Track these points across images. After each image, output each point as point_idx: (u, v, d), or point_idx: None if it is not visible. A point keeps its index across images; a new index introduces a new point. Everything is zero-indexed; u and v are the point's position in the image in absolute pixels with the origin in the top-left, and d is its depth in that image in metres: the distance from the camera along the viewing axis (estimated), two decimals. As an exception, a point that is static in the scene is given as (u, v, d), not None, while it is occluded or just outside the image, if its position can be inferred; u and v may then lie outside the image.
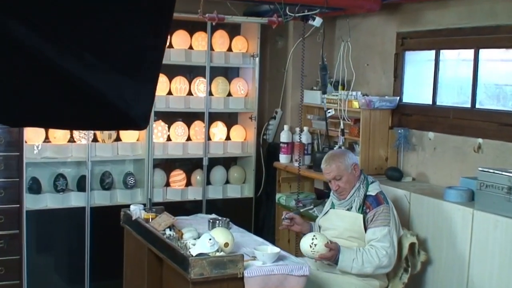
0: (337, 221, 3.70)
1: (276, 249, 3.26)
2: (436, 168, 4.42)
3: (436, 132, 4.41)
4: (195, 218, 4.12)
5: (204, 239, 3.01)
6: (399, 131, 4.52)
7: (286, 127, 5.21)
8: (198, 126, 5.14)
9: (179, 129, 5.06)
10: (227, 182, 5.37)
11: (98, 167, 4.91)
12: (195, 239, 3.42)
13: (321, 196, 5.30)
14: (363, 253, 3.52)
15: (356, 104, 4.66)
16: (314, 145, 5.25)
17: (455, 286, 3.64)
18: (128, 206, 4.66)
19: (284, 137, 5.19)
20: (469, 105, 4.12)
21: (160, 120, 5.01)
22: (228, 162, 5.47)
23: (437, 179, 4.40)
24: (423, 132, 4.52)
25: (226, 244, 3.21)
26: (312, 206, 4.96)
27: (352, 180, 3.65)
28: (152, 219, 3.76)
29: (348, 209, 3.70)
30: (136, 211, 3.86)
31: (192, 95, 5.10)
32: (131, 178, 4.91)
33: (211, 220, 3.85)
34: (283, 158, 5.22)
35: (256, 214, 5.44)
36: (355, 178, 3.65)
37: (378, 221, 3.56)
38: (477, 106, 4.08)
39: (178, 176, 5.11)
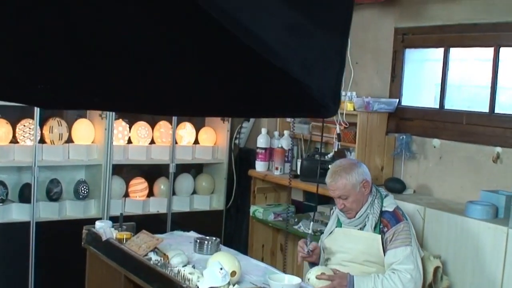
0: (348, 243, 3.18)
1: (296, 279, 2.71)
2: (441, 179, 4.00)
3: (443, 139, 3.99)
4: (172, 237, 3.49)
5: (214, 269, 2.41)
6: (401, 138, 4.07)
7: (263, 130, 4.66)
8: (164, 127, 4.50)
9: (142, 130, 4.41)
10: (193, 192, 4.76)
11: (44, 174, 4.18)
12: (185, 265, 2.82)
13: (300, 208, 4.79)
14: (382, 280, 3.02)
15: (350, 106, 4.18)
16: (294, 151, 4.73)
17: (483, 316, 3.20)
18: (80, 220, 4.01)
19: (261, 141, 4.65)
20: (487, 110, 3.72)
21: (121, 119, 4.34)
22: (195, 169, 4.85)
23: (443, 192, 3.98)
24: (426, 139, 4.09)
25: (233, 273, 2.63)
26: (295, 220, 4.42)
27: (360, 199, 3.15)
28: (127, 239, 3.12)
29: (360, 229, 3.18)
30: (105, 229, 3.19)
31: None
32: (84, 187, 4.21)
33: (197, 240, 3.25)
34: (260, 166, 4.66)
35: (225, 229, 4.86)
36: (364, 197, 3.16)
37: (398, 241, 3.07)
38: (497, 110, 3.68)
39: (139, 185, 4.45)
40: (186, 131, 4.62)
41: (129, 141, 4.42)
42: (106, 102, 0.94)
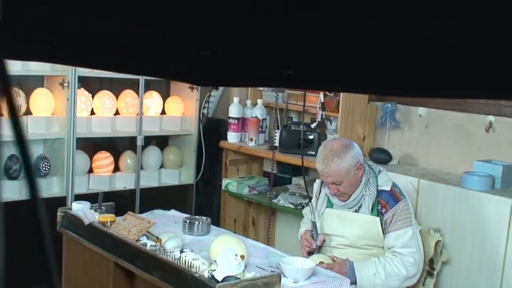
0: (345, 227, 3.02)
1: (309, 263, 2.53)
2: (427, 149, 3.91)
3: (429, 108, 3.89)
4: (154, 217, 3.24)
5: (229, 256, 2.21)
6: (386, 106, 3.94)
7: (236, 99, 4.44)
8: (129, 97, 4.20)
9: (106, 100, 4.09)
10: (161, 166, 4.51)
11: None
12: (181, 249, 2.61)
13: (274, 181, 4.62)
14: (385, 264, 2.89)
15: (331, 73, 4.00)
16: (267, 121, 4.54)
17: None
18: (41, 199, 3.69)
19: (233, 111, 4.42)
20: (479, 77, 3.62)
21: (83, 88, 4.00)
22: (162, 142, 4.59)
23: (429, 163, 3.89)
24: (411, 107, 3.99)
25: (241, 257, 2.43)
26: (274, 193, 4.25)
27: (354, 183, 2.98)
28: (111, 222, 2.86)
29: (355, 211, 3.02)
30: (85, 212, 2.92)
31: (122, 57, 4.14)
32: (46, 163, 3.88)
33: (187, 221, 3.02)
34: (232, 137, 4.45)
35: (195, 204, 4.64)
36: (358, 179, 2.98)
37: (399, 222, 2.94)
38: (490, 77, 3.60)
39: (104, 160, 4.16)
40: (153, 101, 4.34)
41: (92, 112, 4.10)
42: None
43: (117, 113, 4.20)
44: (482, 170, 3.40)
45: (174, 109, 4.47)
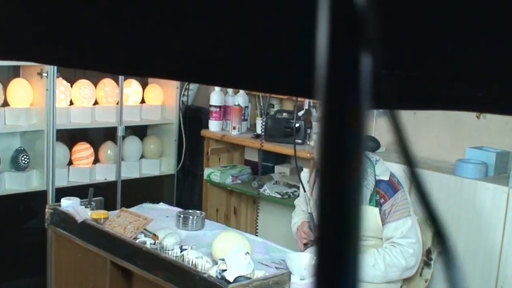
0: None
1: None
2: (416, 136, 3.89)
3: (418, 94, 3.86)
4: (143, 211, 3.15)
5: (239, 255, 2.13)
6: (373, 93, 3.89)
7: (217, 87, 4.33)
8: (108, 86, 4.06)
9: (85, 89, 3.95)
10: (141, 156, 4.39)
11: (-25, 143, 3.66)
12: (184, 248, 2.53)
13: (256, 169, 4.55)
14: (384, 255, 2.86)
15: (317, 60, 3.94)
16: (249, 108, 4.46)
17: (478, 278, 3.15)
18: (22, 195, 3.57)
19: (215, 99, 4.33)
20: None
21: (61, 78, 3.85)
22: (141, 131, 4.46)
23: (418, 150, 3.87)
24: (399, 94, 3.95)
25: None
26: (259, 183, 4.18)
27: None
28: (104, 219, 2.76)
29: None
30: (76, 208, 2.80)
31: (101, 44, 3.99)
32: (24, 156, 3.72)
33: (181, 215, 2.94)
34: (214, 125, 4.35)
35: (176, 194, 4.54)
36: None
37: (398, 213, 2.91)
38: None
39: (84, 152, 4.02)
40: (132, 90, 4.21)
41: (71, 103, 3.95)
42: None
43: (95, 103, 4.05)
44: (475, 157, 3.39)
45: (154, 97, 4.35)
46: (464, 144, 3.62)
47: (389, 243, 2.91)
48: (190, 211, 3.03)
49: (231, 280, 2.06)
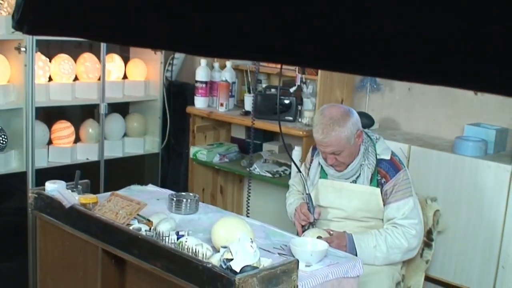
0: (341, 199, 2.86)
1: (322, 244, 2.36)
2: (410, 113, 3.79)
3: (413, 69, 3.74)
4: (131, 193, 3.00)
5: (245, 244, 2.00)
6: (367, 68, 3.76)
7: (203, 61, 4.17)
8: (89, 61, 3.86)
9: (64, 64, 3.75)
10: (124, 134, 4.22)
11: None
12: (181, 234, 2.39)
13: (242, 147, 4.42)
14: (386, 236, 2.77)
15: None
16: (236, 84, 4.30)
17: (480, 257, 3.08)
18: (0, 176, 3.39)
19: (201, 74, 4.16)
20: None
21: (39, 52, 3.64)
22: (123, 109, 4.28)
23: (413, 126, 3.78)
24: (393, 68, 3.83)
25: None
26: (248, 162, 4.04)
27: (354, 152, 2.82)
28: (93, 204, 2.60)
29: (353, 181, 2.86)
30: (61, 192, 2.64)
31: (81, 17, 3.78)
32: (2, 135, 3.53)
33: (174, 198, 2.79)
34: (200, 102, 4.19)
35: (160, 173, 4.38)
36: (357, 148, 2.82)
37: (400, 193, 2.80)
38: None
39: (64, 130, 3.83)
40: (114, 65, 4.01)
41: (49, 79, 3.75)
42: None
43: (75, 79, 3.86)
44: (474, 135, 3.30)
45: (136, 73, 4.16)
46: (461, 121, 3.53)
47: (390, 224, 2.81)
48: (183, 193, 2.89)
49: (238, 270, 1.93)
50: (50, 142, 3.82)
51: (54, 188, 2.68)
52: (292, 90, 3.78)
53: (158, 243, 2.17)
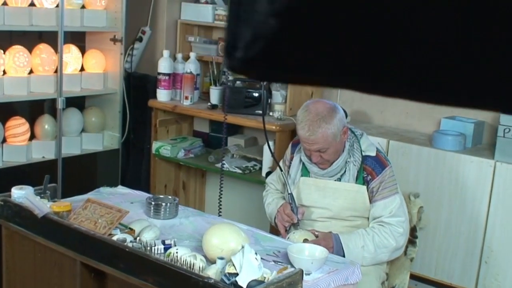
0: (325, 198, 2.74)
1: (321, 251, 2.24)
2: (382, 105, 3.72)
3: (385, 61, 3.66)
4: (101, 196, 2.80)
5: (250, 257, 1.86)
6: (339, 60, 3.65)
7: (166, 52, 3.97)
8: (45, 52, 3.60)
9: (20, 56, 3.48)
10: (82, 130, 3.98)
11: None
12: (168, 244, 2.22)
13: (207, 141, 4.26)
14: (373, 236, 2.67)
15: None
16: (200, 76, 4.12)
17: (463, 253, 3.04)
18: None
19: (163, 66, 3.96)
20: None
21: (-9, 44, 3.36)
22: (80, 103, 4.03)
23: (385, 119, 3.71)
24: (364, 60, 3.74)
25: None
26: (215, 157, 3.89)
27: (340, 149, 2.70)
28: (66, 212, 2.39)
29: (338, 179, 2.75)
30: (30, 199, 2.42)
31: (35, 6, 3.52)
32: (-48, 135, 3.24)
33: (152, 202, 2.61)
34: (163, 95, 4.00)
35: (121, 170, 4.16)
36: (342, 145, 2.71)
37: (386, 190, 2.71)
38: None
39: (19, 127, 3.57)
40: (71, 56, 3.76)
41: (4, 72, 3.47)
42: None
43: (30, 71, 3.59)
44: (451, 128, 3.25)
45: (94, 65, 3.92)
46: (435, 114, 3.48)
47: (377, 223, 2.71)
48: (161, 196, 2.71)
49: (244, 286, 1.78)
50: (4, 140, 3.54)
51: (21, 194, 2.46)
52: (265, 83, 3.63)
53: (149, 256, 2.00)
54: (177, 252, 2.08)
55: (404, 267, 2.95)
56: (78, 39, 3.92)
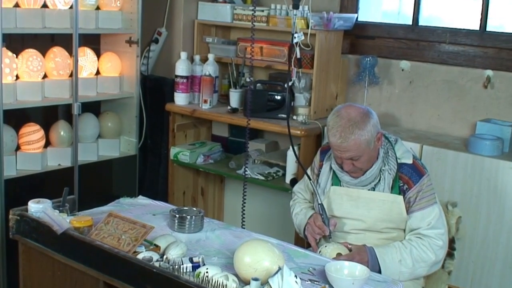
0: (359, 208, 2.59)
1: (362, 270, 2.09)
2: (412, 108, 3.57)
3: (414, 61, 3.52)
4: (121, 208, 2.68)
5: (290, 280, 1.72)
6: (366, 60, 3.52)
7: (183, 54, 3.84)
8: (59, 56, 3.48)
9: (33, 61, 3.36)
10: (98, 136, 3.86)
11: None
12: (196, 262, 2.09)
13: (226, 146, 4.13)
14: (411, 249, 2.52)
15: (302, 23, 3.51)
16: (219, 79, 3.98)
17: (501, 265, 2.90)
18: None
19: (181, 68, 3.83)
20: (477, 27, 3.29)
21: (5, 48, 3.24)
22: (95, 108, 3.91)
23: (414, 122, 3.56)
24: (392, 60, 3.60)
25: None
26: (237, 163, 3.75)
27: (373, 156, 2.55)
28: (87, 228, 2.27)
29: (371, 189, 2.60)
30: (49, 214, 2.29)
31: (48, 7, 3.39)
32: (-36, 143, 3.12)
33: (177, 215, 2.48)
34: (181, 99, 3.87)
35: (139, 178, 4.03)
36: (376, 152, 2.56)
37: (424, 200, 2.56)
38: (489, 28, 3.28)
39: (34, 134, 3.45)
40: (87, 59, 3.63)
41: (16, 77, 3.35)
42: None
43: (44, 76, 3.47)
44: (487, 132, 3.10)
45: (110, 68, 3.79)
46: (468, 116, 3.34)
47: (414, 235, 2.57)
48: (186, 208, 2.57)
49: (285, 313, 1.64)
50: (18, 147, 3.43)
51: (39, 208, 2.33)
52: (290, 85, 3.49)
53: (179, 278, 1.87)
54: (207, 272, 1.94)
55: (441, 281, 2.80)
56: (93, 41, 3.79)
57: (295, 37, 3.22)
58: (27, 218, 2.31)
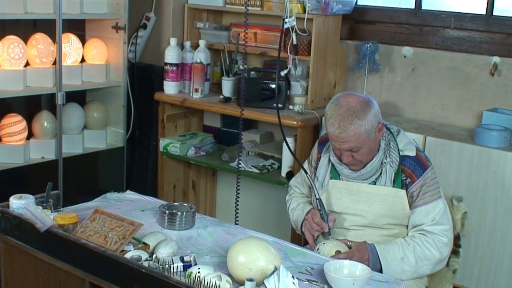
0: (359, 203, 2.57)
1: (362, 269, 2.07)
2: (414, 96, 3.55)
3: (417, 47, 3.49)
4: (108, 204, 2.65)
5: (288, 281, 1.69)
6: (366, 46, 3.49)
7: (173, 40, 3.79)
8: (42, 42, 3.43)
9: (14, 48, 3.32)
10: (84, 127, 3.83)
11: None
12: (187, 261, 2.06)
13: (219, 137, 4.10)
14: (414, 246, 2.49)
15: (298, 7, 3.47)
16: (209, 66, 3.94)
17: (509, 263, 2.88)
18: None
19: (171, 55, 3.79)
20: (483, 12, 3.27)
21: (-17, 34, 3.19)
22: (80, 97, 3.87)
23: (417, 112, 3.54)
24: (393, 47, 3.58)
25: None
26: (229, 156, 3.72)
27: (374, 148, 2.52)
28: (72, 225, 2.23)
29: (372, 182, 2.57)
30: (31, 210, 2.25)
31: (31, -9, 3.34)
32: None
33: (167, 212, 2.45)
34: (170, 87, 3.83)
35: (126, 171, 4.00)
36: (377, 143, 2.53)
37: (428, 195, 2.53)
38: (496, 13, 3.26)
39: (15, 126, 3.42)
40: (71, 46, 3.59)
41: (-5, 65, 3.32)
42: None
43: (26, 64, 3.43)
44: (494, 122, 3.08)
45: (95, 55, 3.75)
46: (474, 105, 3.32)
47: (417, 231, 2.54)
48: (176, 204, 2.53)
49: (282, 316, 1.62)
50: (-2, 139, 3.40)
51: (21, 204, 2.29)
52: (283, 73, 3.46)
53: (169, 278, 1.84)
54: (199, 272, 1.92)
55: (446, 280, 2.78)
56: (77, 27, 3.76)
57: (286, 22, 3.17)
58: (9, 215, 2.28)
